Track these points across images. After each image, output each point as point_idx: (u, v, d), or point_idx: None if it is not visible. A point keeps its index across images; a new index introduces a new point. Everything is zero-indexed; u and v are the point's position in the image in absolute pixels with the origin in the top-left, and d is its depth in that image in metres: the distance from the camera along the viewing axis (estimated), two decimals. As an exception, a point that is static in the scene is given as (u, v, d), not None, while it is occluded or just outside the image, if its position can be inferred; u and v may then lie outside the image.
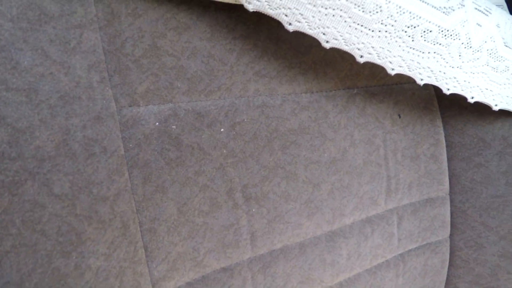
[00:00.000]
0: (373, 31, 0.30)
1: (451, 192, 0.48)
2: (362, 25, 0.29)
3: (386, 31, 0.30)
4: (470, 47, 0.33)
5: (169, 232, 0.30)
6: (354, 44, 0.30)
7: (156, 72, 0.30)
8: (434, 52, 0.32)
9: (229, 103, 0.33)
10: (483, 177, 0.44)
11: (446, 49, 0.32)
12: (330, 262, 0.39)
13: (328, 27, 0.29)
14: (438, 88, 0.36)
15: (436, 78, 0.34)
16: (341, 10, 0.28)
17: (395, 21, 0.30)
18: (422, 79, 0.34)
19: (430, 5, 0.31)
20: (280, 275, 0.37)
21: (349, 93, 0.40)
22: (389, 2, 0.28)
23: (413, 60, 0.32)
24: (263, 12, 0.28)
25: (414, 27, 0.30)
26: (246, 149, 0.34)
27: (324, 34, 0.29)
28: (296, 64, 0.37)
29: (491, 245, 0.45)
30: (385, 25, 0.29)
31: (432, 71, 0.34)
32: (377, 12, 0.29)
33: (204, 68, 0.32)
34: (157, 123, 0.30)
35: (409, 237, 0.45)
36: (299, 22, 0.29)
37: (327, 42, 0.30)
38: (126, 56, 0.29)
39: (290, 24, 0.29)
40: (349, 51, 0.31)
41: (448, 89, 0.35)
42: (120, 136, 0.27)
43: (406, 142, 0.44)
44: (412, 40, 0.31)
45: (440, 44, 0.32)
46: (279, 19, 0.29)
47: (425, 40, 0.31)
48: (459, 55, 0.33)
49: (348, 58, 0.40)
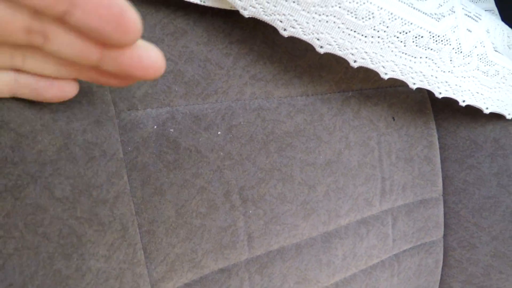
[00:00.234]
0: (366, 37, 0.30)
1: (445, 193, 0.49)
2: (355, 31, 0.30)
3: (379, 37, 0.31)
4: (461, 52, 0.34)
5: (168, 234, 0.30)
6: (348, 50, 0.31)
7: None
8: (426, 57, 0.33)
9: (226, 106, 0.34)
10: (475, 179, 0.45)
11: (437, 54, 0.33)
12: (326, 263, 0.40)
13: (322, 33, 0.30)
14: (431, 92, 0.37)
15: (428, 82, 0.35)
16: (335, 17, 0.29)
17: (387, 27, 0.30)
18: (415, 83, 0.35)
19: (421, 12, 0.31)
20: (277, 276, 0.37)
21: (344, 96, 0.41)
22: (381, 9, 0.29)
23: (405, 65, 0.33)
24: (259, 18, 0.29)
25: (406, 33, 0.31)
26: (243, 152, 0.34)
27: (318, 40, 0.30)
28: (292, 68, 0.37)
29: (484, 245, 0.45)
30: (378, 31, 0.30)
31: (424, 76, 0.34)
32: (370, 19, 0.29)
33: (201, 72, 0.33)
34: (155, 127, 0.31)
35: (404, 238, 0.46)
36: (294, 28, 0.29)
37: (321, 48, 0.31)
38: None
39: (285, 30, 0.29)
40: (343, 56, 0.32)
41: (440, 93, 0.36)
42: (119, 140, 0.28)
43: (400, 144, 0.45)
44: (404, 46, 0.32)
45: (432, 49, 0.33)
46: (274, 25, 0.29)
47: (417, 46, 0.32)
48: (450, 60, 0.34)
49: (343, 62, 0.40)
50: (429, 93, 0.47)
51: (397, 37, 0.31)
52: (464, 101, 0.38)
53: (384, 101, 0.44)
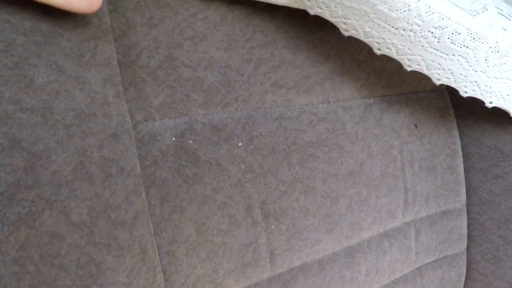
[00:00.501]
0: (397, 29, 0.29)
1: (468, 204, 0.47)
2: (386, 22, 0.28)
3: (411, 31, 0.29)
4: (498, 52, 0.32)
5: (188, 254, 0.28)
6: (374, 38, 0.30)
7: (172, 84, 0.29)
8: (459, 55, 0.31)
9: (246, 115, 0.32)
10: (502, 189, 0.43)
11: (473, 53, 0.31)
12: (349, 279, 0.38)
13: (350, 19, 0.28)
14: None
15: (455, 81, 0.33)
16: (366, 6, 0.27)
17: (423, 21, 0.28)
18: (439, 79, 0.33)
19: (459, 7, 0.29)
20: None
21: (366, 103, 0.39)
22: (419, 1, 0.27)
23: (434, 61, 0.31)
24: None
25: (442, 28, 0.29)
26: (264, 164, 0.32)
27: (345, 24, 0.29)
28: (314, 74, 0.35)
29: (510, 259, 0.44)
30: (411, 25, 0.28)
31: (452, 73, 0.33)
32: (405, 11, 0.28)
33: (221, 79, 0.31)
34: (174, 138, 0.28)
35: (427, 251, 0.44)
36: (321, 9, 0.28)
37: (347, 31, 0.30)
38: (142, 68, 0.27)
39: (311, 9, 0.28)
40: (368, 43, 0.31)
41: (466, 92, 0.34)
42: (136, 154, 0.26)
43: (423, 153, 0.43)
44: (438, 42, 0.30)
45: (467, 47, 0.31)
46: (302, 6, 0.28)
47: (452, 42, 0.30)
48: (485, 60, 0.32)
49: (365, 67, 0.38)
50: (452, 99, 0.45)
51: (432, 32, 0.29)
52: (492, 103, 0.36)
53: (406, 108, 0.42)
